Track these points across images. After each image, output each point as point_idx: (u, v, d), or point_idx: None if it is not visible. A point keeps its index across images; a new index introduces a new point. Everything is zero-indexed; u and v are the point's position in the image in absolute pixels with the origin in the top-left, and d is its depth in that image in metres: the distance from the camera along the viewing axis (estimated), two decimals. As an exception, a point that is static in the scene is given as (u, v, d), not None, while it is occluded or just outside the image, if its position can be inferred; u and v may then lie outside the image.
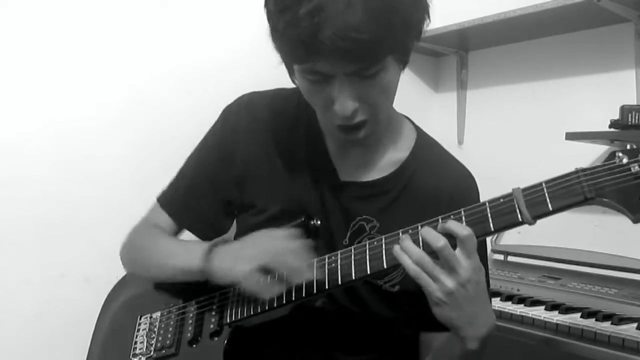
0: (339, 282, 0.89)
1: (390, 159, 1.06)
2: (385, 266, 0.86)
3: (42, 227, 1.28)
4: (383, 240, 0.87)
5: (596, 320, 1.19)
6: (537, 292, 1.41)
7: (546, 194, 0.80)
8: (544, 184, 0.81)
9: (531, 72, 1.88)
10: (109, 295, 1.18)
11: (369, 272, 0.87)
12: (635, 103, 1.59)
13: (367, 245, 0.88)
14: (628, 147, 0.78)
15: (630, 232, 1.52)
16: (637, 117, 1.43)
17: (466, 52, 2.07)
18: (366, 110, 0.90)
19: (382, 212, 1.03)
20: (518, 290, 1.45)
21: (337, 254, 0.91)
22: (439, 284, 0.82)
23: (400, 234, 0.86)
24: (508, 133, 1.94)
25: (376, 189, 1.04)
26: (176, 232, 1.14)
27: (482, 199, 0.92)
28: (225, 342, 0.98)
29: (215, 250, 0.97)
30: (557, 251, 1.49)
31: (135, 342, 1.07)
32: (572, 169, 0.84)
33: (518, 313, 1.27)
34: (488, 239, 0.93)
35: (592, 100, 1.72)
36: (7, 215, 1.25)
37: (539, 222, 0.82)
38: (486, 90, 2.03)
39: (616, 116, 1.46)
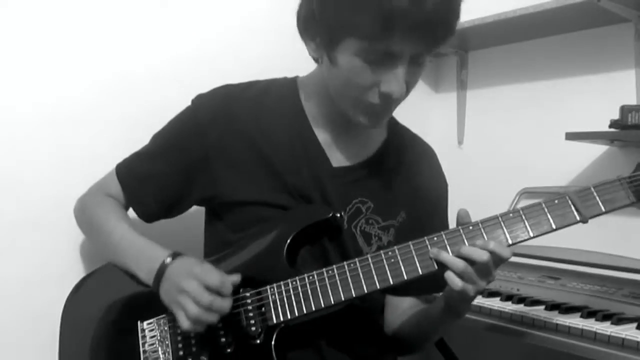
0: (405, 278, 0.95)
1: (373, 140, 1.16)
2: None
3: (42, 227, 1.28)
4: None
5: (596, 320, 1.19)
6: (537, 292, 1.41)
7: (597, 198, 0.92)
8: (592, 189, 0.93)
9: (531, 72, 1.88)
10: (72, 300, 1.13)
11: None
12: (635, 103, 1.59)
13: (427, 241, 0.96)
14: None
15: (630, 232, 1.53)
16: (637, 117, 1.43)
17: (466, 52, 2.07)
18: (402, 98, 1.00)
19: (375, 192, 1.11)
20: (518, 290, 1.45)
21: (395, 250, 0.96)
22: (475, 286, 0.93)
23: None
24: (508, 133, 1.94)
25: (366, 170, 1.12)
26: (124, 205, 1.17)
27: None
28: (273, 342, 0.98)
29: (165, 276, 0.99)
30: (557, 251, 1.49)
31: (145, 352, 1.02)
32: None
33: (518, 313, 1.27)
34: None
35: (592, 100, 1.72)
36: (7, 216, 1.25)
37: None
38: (486, 90, 2.03)
39: (616, 116, 1.46)
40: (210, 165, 1.09)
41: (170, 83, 1.43)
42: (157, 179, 1.13)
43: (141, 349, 1.02)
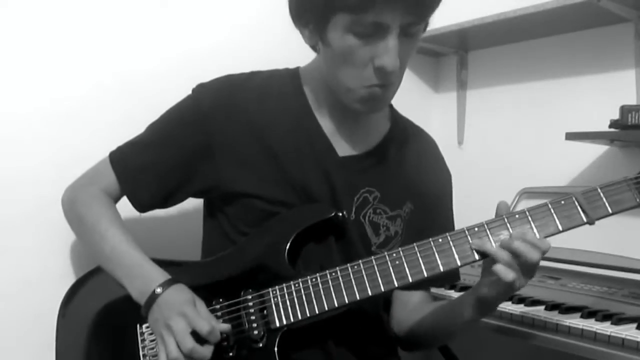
0: (410, 280, 0.93)
1: (377, 130, 1.15)
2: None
3: (42, 226, 1.28)
4: (449, 238, 0.93)
5: (596, 320, 1.19)
6: (537, 292, 1.41)
7: (604, 199, 0.91)
8: (599, 189, 0.92)
9: (531, 72, 1.88)
10: (68, 302, 1.11)
11: (441, 270, 0.93)
12: (635, 103, 1.59)
13: (432, 243, 0.94)
14: None
15: (630, 232, 1.53)
16: (637, 117, 1.43)
17: (466, 52, 2.07)
18: (397, 72, 0.97)
19: (380, 181, 1.10)
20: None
21: (400, 252, 0.94)
22: (518, 282, 0.90)
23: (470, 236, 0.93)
24: (508, 133, 1.94)
25: (372, 160, 1.11)
26: (116, 195, 1.13)
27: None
28: (276, 346, 0.96)
29: (156, 303, 0.96)
30: (557, 251, 1.48)
31: (145, 355, 1.01)
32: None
33: (518, 313, 1.27)
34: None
35: (592, 100, 1.72)
36: (7, 216, 1.25)
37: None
38: (486, 90, 2.02)
39: (616, 116, 1.46)
40: (213, 154, 1.07)
41: (171, 82, 1.41)
42: (154, 169, 1.10)
43: (141, 352, 1.01)
